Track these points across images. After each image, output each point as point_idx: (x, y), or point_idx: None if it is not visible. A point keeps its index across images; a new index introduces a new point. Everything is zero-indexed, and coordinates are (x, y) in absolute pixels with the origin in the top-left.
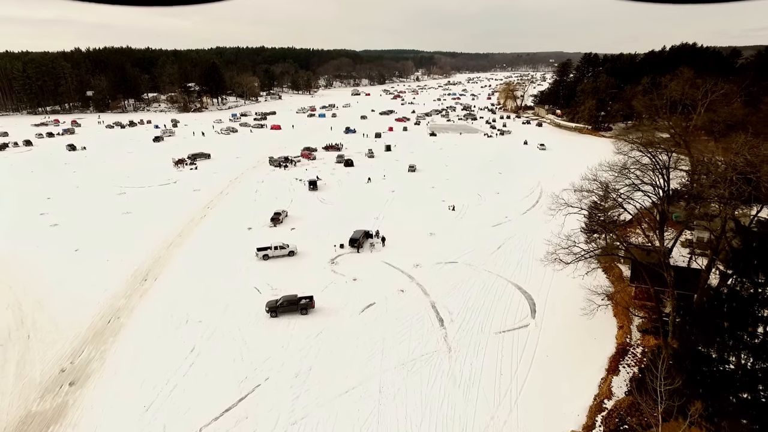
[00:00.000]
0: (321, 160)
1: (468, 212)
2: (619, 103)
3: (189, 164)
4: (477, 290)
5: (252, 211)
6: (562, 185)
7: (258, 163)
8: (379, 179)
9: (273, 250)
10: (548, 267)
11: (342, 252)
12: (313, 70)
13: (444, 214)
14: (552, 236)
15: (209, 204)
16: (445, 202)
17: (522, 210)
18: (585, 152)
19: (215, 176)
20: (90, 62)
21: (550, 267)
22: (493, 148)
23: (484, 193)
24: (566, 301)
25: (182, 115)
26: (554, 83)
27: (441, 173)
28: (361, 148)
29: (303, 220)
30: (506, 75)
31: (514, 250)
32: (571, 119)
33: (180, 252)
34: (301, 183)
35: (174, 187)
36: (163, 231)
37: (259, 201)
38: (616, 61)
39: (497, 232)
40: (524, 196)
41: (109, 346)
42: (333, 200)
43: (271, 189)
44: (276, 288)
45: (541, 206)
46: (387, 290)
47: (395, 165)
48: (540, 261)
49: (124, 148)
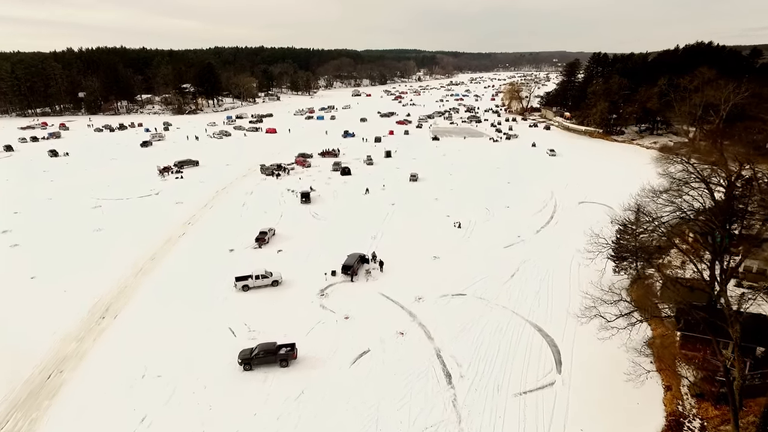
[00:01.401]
0: (316, 168)
1: (476, 230)
2: (632, 106)
3: (175, 172)
4: (490, 333)
5: (237, 228)
6: (577, 196)
7: (249, 171)
8: (378, 190)
9: (254, 280)
10: (572, 301)
11: (333, 281)
12: (313, 71)
13: (449, 232)
14: (580, 271)
15: (191, 219)
16: (450, 217)
17: (536, 227)
18: (599, 159)
19: (201, 186)
20: (82, 63)
21: (579, 305)
22: (500, 153)
23: (492, 207)
24: (596, 348)
25: (176, 118)
26: (561, 84)
27: (445, 183)
28: (359, 154)
29: (292, 239)
30: (509, 75)
31: (531, 278)
32: (580, 122)
33: (149, 280)
34: (293, 194)
35: (155, 199)
36: (135, 253)
37: (245, 216)
38: (627, 60)
39: (510, 255)
40: (537, 210)
41: (41, 413)
42: (327, 215)
43: (260, 201)
44: (254, 330)
45: (556, 222)
46: (384, 332)
47: (395, 173)
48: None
49: (109, 154)
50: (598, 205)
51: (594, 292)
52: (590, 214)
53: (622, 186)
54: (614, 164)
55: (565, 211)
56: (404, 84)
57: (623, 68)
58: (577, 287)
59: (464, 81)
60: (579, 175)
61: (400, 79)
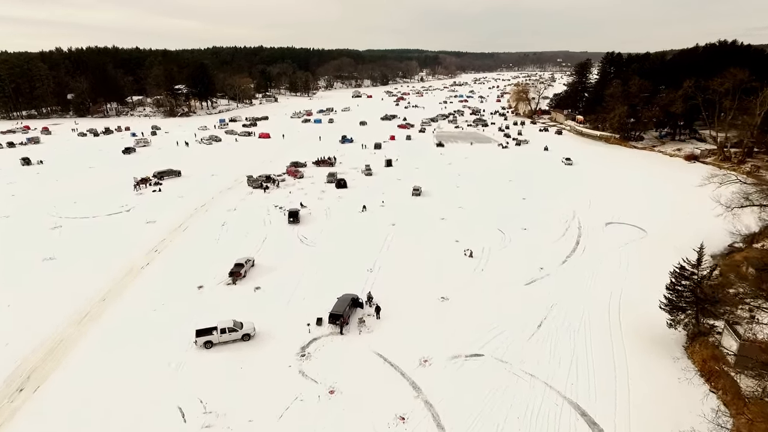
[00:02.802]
0: (309, 179)
1: (490, 260)
2: (653, 109)
3: (153, 184)
4: (517, 417)
5: (211, 256)
6: (603, 215)
7: (235, 183)
8: (377, 206)
9: (219, 334)
10: (619, 367)
11: (318, 333)
12: (313, 71)
13: (459, 262)
14: (622, 318)
15: (160, 244)
16: (459, 242)
17: (560, 257)
18: (620, 168)
19: (179, 202)
20: (70, 63)
21: (623, 365)
22: (511, 162)
23: (507, 229)
24: None
25: (167, 121)
26: (572, 85)
27: (452, 198)
28: (357, 162)
29: (274, 271)
30: (513, 75)
31: (562, 330)
32: (594, 127)
33: (92, 333)
34: (280, 212)
35: (124, 218)
36: (84, 291)
37: (223, 240)
38: (644, 60)
39: (533, 295)
40: (559, 233)
41: None
42: (316, 238)
43: (243, 221)
44: (210, 411)
45: (584, 250)
46: (379, 417)
47: (396, 186)
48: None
49: (88, 162)
50: (628, 227)
51: None
52: (621, 238)
53: (651, 202)
54: (638, 175)
55: (592, 235)
56: (406, 84)
57: (640, 69)
58: (624, 344)
59: (467, 81)
60: (601, 188)
61: (402, 79)
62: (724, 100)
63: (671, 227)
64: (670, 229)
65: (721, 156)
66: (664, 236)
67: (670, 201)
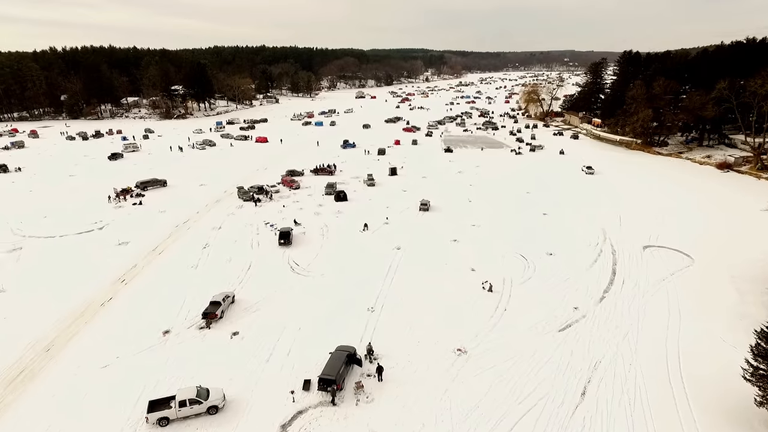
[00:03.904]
0: (306, 190)
1: (513, 295)
2: (680, 113)
3: (135, 195)
4: None
5: (185, 288)
6: (638, 236)
7: (225, 195)
8: (380, 224)
9: (178, 408)
10: None
11: (305, 404)
12: (316, 71)
13: (477, 298)
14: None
15: (129, 272)
16: (475, 272)
17: (596, 291)
18: (647, 178)
19: (160, 218)
20: (64, 63)
21: None
22: (526, 170)
23: (530, 253)
24: None
25: (162, 123)
26: (587, 86)
27: (464, 214)
28: (359, 171)
29: (257, 311)
30: (520, 75)
31: (613, 403)
32: (613, 131)
33: (18, 401)
34: (271, 230)
35: (96, 237)
36: (28, 336)
37: (202, 268)
38: (665, 59)
39: (570, 346)
40: (590, 259)
41: None
42: (310, 266)
43: (227, 242)
44: None
45: (623, 281)
46: None
47: (402, 199)
48: None
49: (70, 169)
50: (669, 251)
51: None
52: (664, 266)
53: (689, 220)
54: (669, 186)
55: (629, 262)
56: (411, 85)
57: (661, 68)
58: (698, 427)
59: (474, 81)
60: (630, 201)
61: (407, 79)
62: (764, 103)
63: (720, 252)
64: (720, 254)
65: (759, 164)
66: (714, 264)
67: (711, 218)
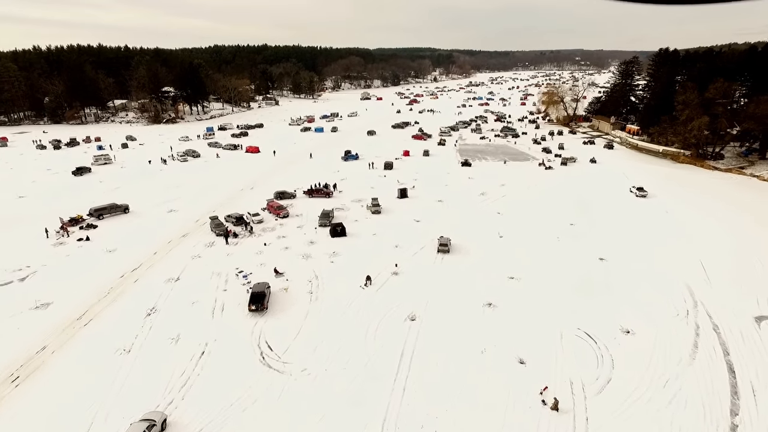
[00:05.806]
0: (296, 218)
1: (592, 420)
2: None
3: (86, 227)
4: None
5: (101, 396)
6: (742, 299)
7: (196, 225)
8: (387, 275)
9: None
10: None
11: None
12: (319, 71)
13: (535, 422)
14: None
15: (32, 360)
16: (525, 365)
17: (715, 410)
18: (714, 205)
19: (106, 261)
20: (46, 63)
21: None
22: (561, 190)
23: (597, 331)
24: None
25: (149, 129)
26: (617, 87)
27: (496, 258)
28: (363, 192)
29: None
30: (531, 74)
31: None
32: (655, 140)
33: None
34: (243, 284)
35: (12, 292)
36: None
37: (135, 353)
38: (713, 58)
39: None
40: (686, 342)
41: None
42: (287, 352)
43: (181, 305)
44: None
45: (752, 391)
46: None
47: (415, 233)
48: None
49: (24, 188)
50: None
51: None
52: None
53: None
54: (745, 215)
55: (744, 347)
56: (419, 85)
57: (706, 69)
58: None
59: (484, 81)
60: (705, 239)
61: (414, 79)
62: None
63: None
64: None
65: None
66: None
67: None
